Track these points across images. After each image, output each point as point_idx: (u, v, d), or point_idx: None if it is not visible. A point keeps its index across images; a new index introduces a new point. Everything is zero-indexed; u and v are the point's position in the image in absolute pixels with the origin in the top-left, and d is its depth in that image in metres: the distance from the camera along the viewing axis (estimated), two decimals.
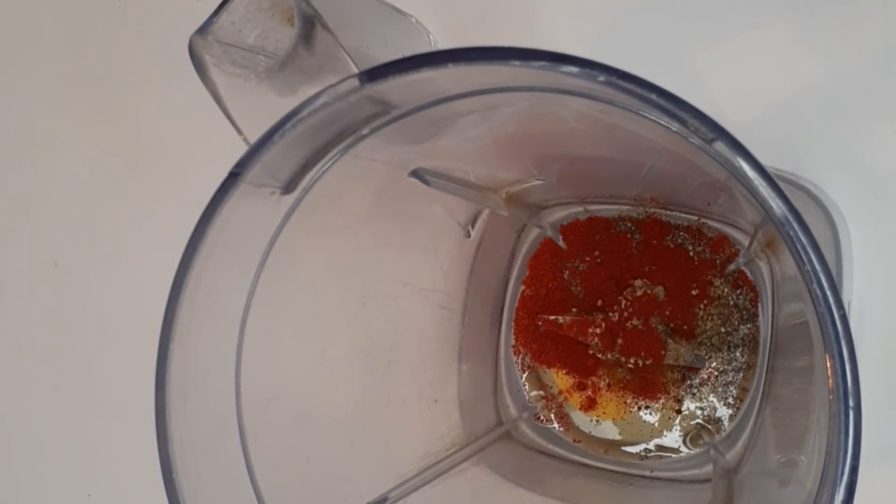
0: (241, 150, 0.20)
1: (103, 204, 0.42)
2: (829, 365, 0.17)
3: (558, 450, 0.34)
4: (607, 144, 0.28)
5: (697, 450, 0.33)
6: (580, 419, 0.34)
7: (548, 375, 0.35)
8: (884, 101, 0.32)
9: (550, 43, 0.34)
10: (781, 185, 0.17)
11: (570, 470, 0.34)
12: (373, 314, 0.30)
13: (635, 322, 0.32)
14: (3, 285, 0.44)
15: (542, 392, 0.35)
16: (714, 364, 0.32)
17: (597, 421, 0.34)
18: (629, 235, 0.33)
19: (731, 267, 0.32)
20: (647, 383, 0.33)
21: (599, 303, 0.33)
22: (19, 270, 0.44)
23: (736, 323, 0.32)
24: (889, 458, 0.31)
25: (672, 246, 0.33)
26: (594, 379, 0.34)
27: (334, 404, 0.28)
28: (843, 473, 0.16)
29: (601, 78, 0.17)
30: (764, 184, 0.17)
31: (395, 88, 0.19)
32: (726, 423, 0.32)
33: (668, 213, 0.33)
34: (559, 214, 0.34)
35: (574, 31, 0.35)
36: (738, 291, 0.32)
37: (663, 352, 0.32)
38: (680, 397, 0.33)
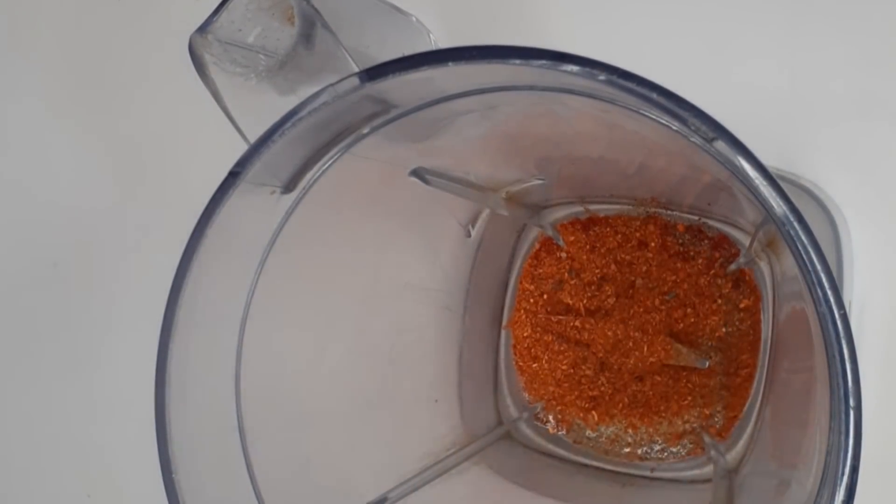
0: (241, 149, 0.20)
1: (103, 204, 0.42)
2: (829, 365, 0.17)
3: (558, 450, 0.34)
4: (608, 144, 0.28)
5: (698, 450, 0.33)
6: (580, 420, 0.34)
7: (548, 376, 0.35)
8: (884, 101, 0.32)
9: (551, 42, 0.34)
10: (782, 184, 0.17)
11: (570, 470, 0.34)
12: (373, 314, 0.30)
13: (636, 322, 0.32)
14: (3, 285, 0.44)
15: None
16: (715, 364, 0.32)
17: (597, 422, 0.34)
18: (629, 235, 0.33)
19: (732, 267, 0.32)
20: (648, 383, 0.33)
21: (600, 303, 0.33)
22: (19, 270, 0.44)
23: (737, 323, 0.32)
24: (890, 458, 0.31)
25: (672, 245, 0.33)
26: (594, 379, 0.34)
27: (334, 404, 0.28)
28: (843, 473, 0.16)
29: (602, 77, 0.17)
30: (765, 183, 0.17)
31: (395, 87, 0.19)
32: (727, 423, 0.32)
33: (669, 212, 0.33)
34: (559, 214, 0.34)
35: (574, 30, 0.35)
36: (738, 291, 0.32)
37: (664, 352, 0.32)
38: (681, 398, 0.33)
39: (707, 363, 0.32)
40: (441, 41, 0.34)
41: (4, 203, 0.44)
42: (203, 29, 0.24)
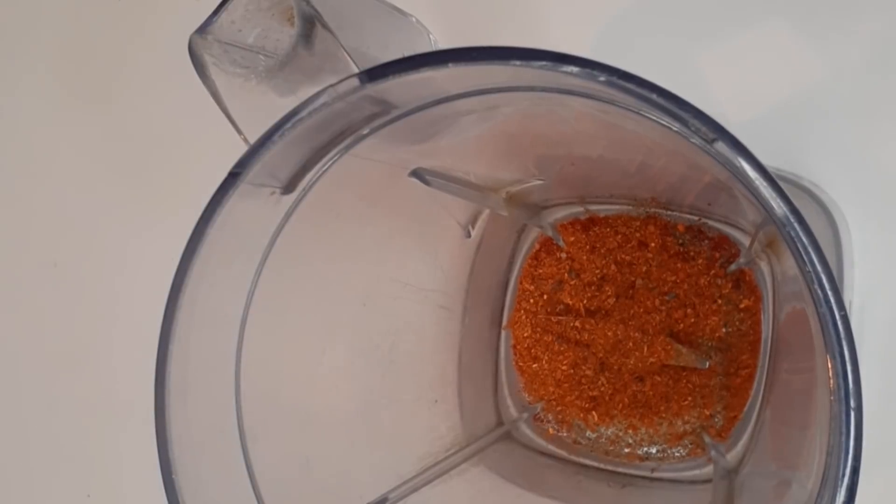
0: (241, 150, 0.20)
1: (103, 204, 0.42)
2: (830, 366, 0.17)
3: (558, 451, 0.34)
4: (608, 144, 0.28)
5: (698, 450, 0.33)
6: (581, 420, 0.34)
7: (548, 376, 0.35)
8: (884, 101, 0.32)
9: (551, 43, 0.34)
10: (782, 185, 0.17)
11: (570, 470, 0.34)
12: (373, 314, 0.30)
13: (636, 322, 0.32)
14: (3, 285, 0.44)
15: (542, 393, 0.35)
16: (715, 364, 0.32)
17: (597, 422, 0.34)
18: (629, 235, 0.33)
19: (732, 267, 0.32)
20: (648, 383, 0.33)
21: (600, 303, 0.33)
22: (19, 270, 0.44)
23: (737, 323, 0.32)
24: (890, 458, 0.31)
25: (672, 246, 0.33)
26: (594, 379, 0.34)
27: (334, 404, 0.28)
28: (844, 475, 0.16)
29: (602, 78, 0.17)
30: (765, 184, 0.17)
31: (396, 88, 0.19)
32: (727, 424, 0.32)
33: (669, 212, 0.33)
34: (559, 214, 0.34)
35: (574, 31, 0.35)
36: (739, 291, 0.32)
37: (664, 352, 0.32)
38: (681, 398, 0.33)
39: (707, 363, 0.32)
40: (441, 42, 0.34)
41: (4, 203, 0.44)
42: (203, 29, 0.24)
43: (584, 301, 0.34)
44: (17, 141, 0.44)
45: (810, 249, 0.17)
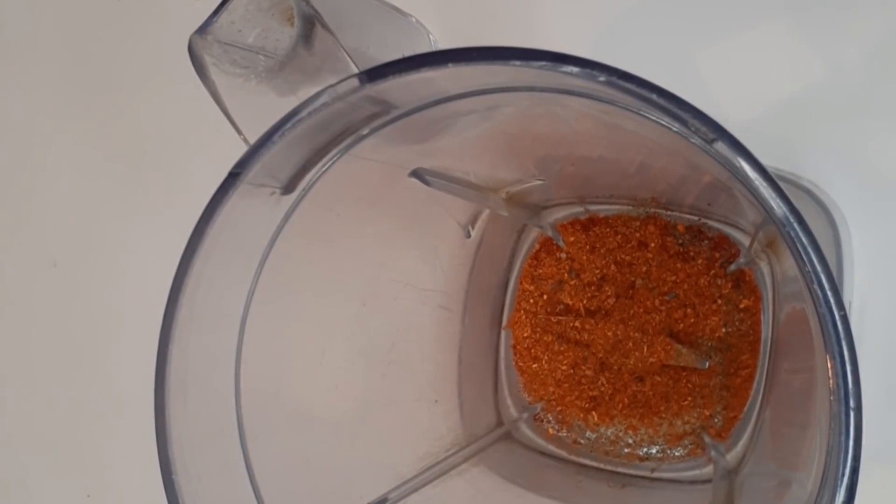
0: (241, 150, 0.20)
1: (103, 204, 0.42)
2: (829, 366, 0.17)
3: (558, 451, 0.34)
4: (607, 144, 0.28)
5: (698, 450, 0.33)
6: (580, 420, 0.34)
7: (548, 376, 0.35)
8: (884, 101, 0.32)
9: (551, 43, 0.34)
10: (782, 185, 0.17)
11: (570, 471, 0.34)
12: (373, 314, 0.30)
13: (636, 322, 0.32)
14: (3, 285, 0.44)
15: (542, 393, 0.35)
16: (715, 364, 0.32)
17: (597, 422, 0.34)
18: (629, 235, 0.33)
19: (732, 267, 0.32)
20: (648, 383, 0.33)
21: (600, 303, 0.33)
22: (19, 270, 0.44)
23: (737, 323, 0.32)
24: (890, 458, 0.31)
25: (672, 246, 0.33)
26: (594, 379, 0.34)
27: (334, 404, 0.28)
28: (843, 474, 0.16)
29: (601, 78, 0.17)
30: (765, 184, 0.17)
31: (395, 88, 0.19)
32: (727, 424, 0.32)
33: (669, 213, 0.33)
34: (559, 214, 0.34)
35: (574, 31, 0.35)
36: (738, 291, 0.32)
37: (664, 352, 0.32)
38: (681, 398, 0.33)
39: (707, 363, 0.32)
40: (441, 42, 0.34)
41: (4, 203, 0.44)
42: (203, 30, 0.24)
43: (584, 301, 0.34)
44: (17, 140, 0.44)
45: (810, 249, 0.17)
